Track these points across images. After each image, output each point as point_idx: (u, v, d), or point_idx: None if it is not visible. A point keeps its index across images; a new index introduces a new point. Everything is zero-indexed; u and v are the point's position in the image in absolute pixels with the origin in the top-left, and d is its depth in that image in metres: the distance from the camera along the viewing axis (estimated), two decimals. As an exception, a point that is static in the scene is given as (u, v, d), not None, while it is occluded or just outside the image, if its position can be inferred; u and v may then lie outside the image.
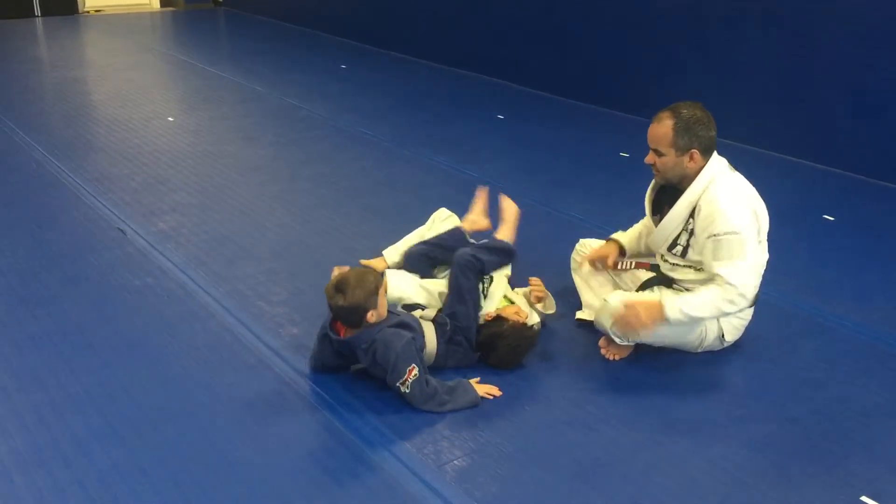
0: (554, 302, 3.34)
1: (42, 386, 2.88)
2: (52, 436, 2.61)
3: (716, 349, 3.14)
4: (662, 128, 2.94)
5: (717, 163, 2.98)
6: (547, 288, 3.37)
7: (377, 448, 2.58)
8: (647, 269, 3.27)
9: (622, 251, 3.34)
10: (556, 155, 5.60)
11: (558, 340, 3.25)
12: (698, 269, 3.02)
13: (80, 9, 11.50)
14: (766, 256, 3.03)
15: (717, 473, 2.49)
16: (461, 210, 3.85)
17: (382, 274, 3.05)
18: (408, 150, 5.66)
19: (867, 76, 5.00)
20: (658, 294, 3.06)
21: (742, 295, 2.88)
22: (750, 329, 3.19)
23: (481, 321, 3.12)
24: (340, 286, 2.77)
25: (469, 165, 5.28)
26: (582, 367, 3.07)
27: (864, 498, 2.39)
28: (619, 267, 3.30)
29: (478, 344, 3.05)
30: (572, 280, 3.60)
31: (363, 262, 3.72)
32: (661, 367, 3.07)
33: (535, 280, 3.37)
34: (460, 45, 8.03)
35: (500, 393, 2.87)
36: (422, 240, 3.59)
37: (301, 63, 8.46)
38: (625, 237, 3.38)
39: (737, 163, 3.18)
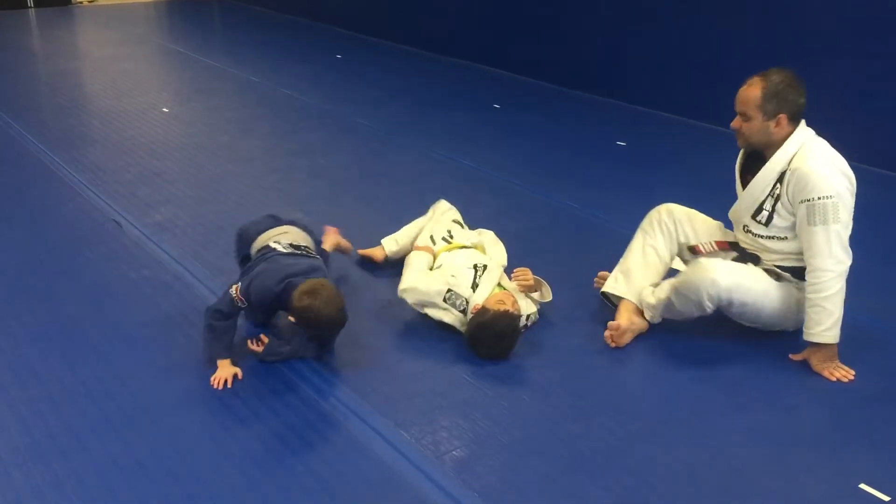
0: (550, 290, 3.33)
1: (39, 380, 2.87)
2: (50, 430, 2.61)
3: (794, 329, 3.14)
4: (752, 91, 2.94)
5: (805, 130, 2.98)
6: (544, 278, 3.35)
7: (376, 439, 2.58)
8: (725, 250, 3.20)
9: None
10: (553, 144, 5.59)
11: (556, 331, 3.24)
12: (781, 238, 3.03)
13: (74, -1, 11.45)
14: (848, 233, 3.00)
15: (716, 462, 2.50)
16: (458, 199, 3.85)
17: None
18: (404, 139, 5.64)
19: (865, 63, 4.99)
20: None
21: (836, 260, 2.88)
22: (748, 318, 3.20)
23: (469, 313, 3.11)
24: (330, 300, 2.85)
25: (465, 155, 5.26)
26: (580, 357, 3.07)
27: (863, 486, 2.39)
28: (701, 251, 3.23)
29: (466, 337, 3.04)
30: (570, 270, 3.60)
31: (361, 251, 3.72)
32: (659, 357, 3.07)
33: (519, 270, 3.29)
34: (456, 34, 8.00)
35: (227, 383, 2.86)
36: (420, 230, 3.58)
37: (296, 53, 8.43)
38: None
39: (734, 149, 3.17)
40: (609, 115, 6.26)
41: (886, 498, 2.34)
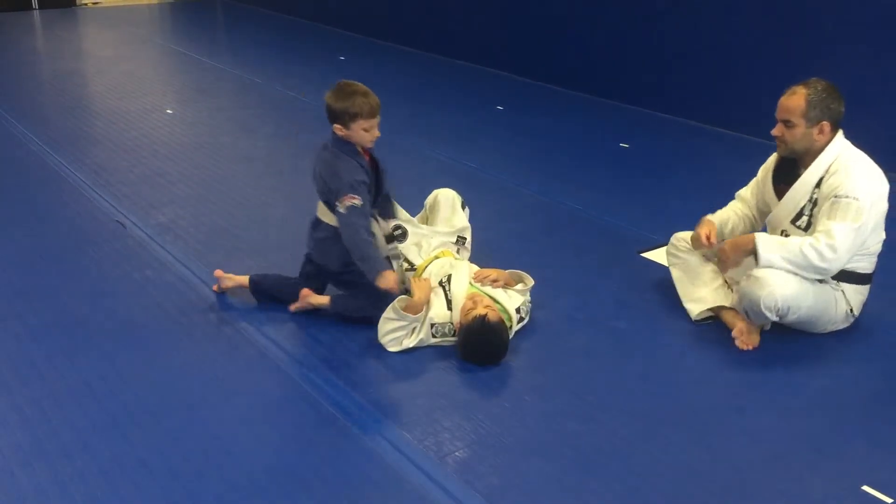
0: (527, 274, 3.27)
1: (42, 379, 2.88)
2: (53, 429, 2.61)
3: (842, 327, 3.17)
4: (796, 99, 3.00)
5: (842, 139, 3.05)
6: (546, 280, 3.35)
7: (379, 440, 2.58)
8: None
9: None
10: (556, 146, 5.59)
11: (557, 332, 3.24)
12: None
13: (78, 1, 11.46)
14: (883, 236, 3.09)
15: (717, 463, 2.50)
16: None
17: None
18: (406, 141, 5.64)
19: (865, 64, 4.99)
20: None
21: (832, 248, 2.90)
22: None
23: (454, 333, 3.08)
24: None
25: (468, 156, 5.26)
26: (581, 358, 3.07)
27: (865, 487, 2.39)
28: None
29: (461, 356, 3.02)
30: (571, 271, 3.59)
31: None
32: (660, 358, 3.07)
33: (477, 274, 3.22)
34: (459, 36, 8.01)
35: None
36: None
37: (299, 54, 8.44)
38: (714, 218, 3.34)
39: (736, 151, 3.17)
40: (612, 117, 6.25)
41: (889, 500, 2.34)
